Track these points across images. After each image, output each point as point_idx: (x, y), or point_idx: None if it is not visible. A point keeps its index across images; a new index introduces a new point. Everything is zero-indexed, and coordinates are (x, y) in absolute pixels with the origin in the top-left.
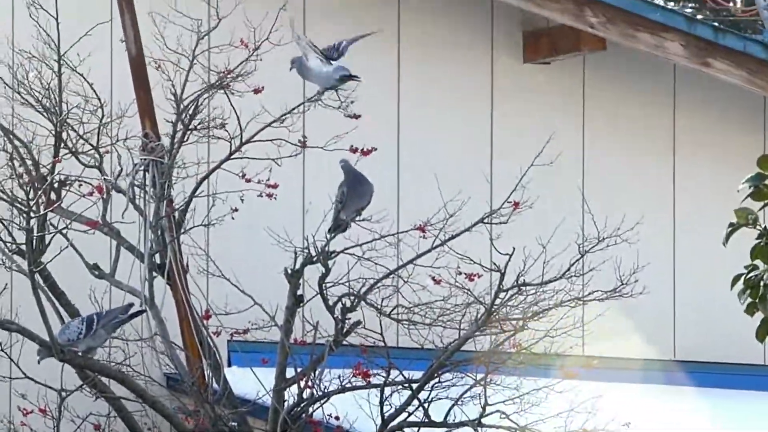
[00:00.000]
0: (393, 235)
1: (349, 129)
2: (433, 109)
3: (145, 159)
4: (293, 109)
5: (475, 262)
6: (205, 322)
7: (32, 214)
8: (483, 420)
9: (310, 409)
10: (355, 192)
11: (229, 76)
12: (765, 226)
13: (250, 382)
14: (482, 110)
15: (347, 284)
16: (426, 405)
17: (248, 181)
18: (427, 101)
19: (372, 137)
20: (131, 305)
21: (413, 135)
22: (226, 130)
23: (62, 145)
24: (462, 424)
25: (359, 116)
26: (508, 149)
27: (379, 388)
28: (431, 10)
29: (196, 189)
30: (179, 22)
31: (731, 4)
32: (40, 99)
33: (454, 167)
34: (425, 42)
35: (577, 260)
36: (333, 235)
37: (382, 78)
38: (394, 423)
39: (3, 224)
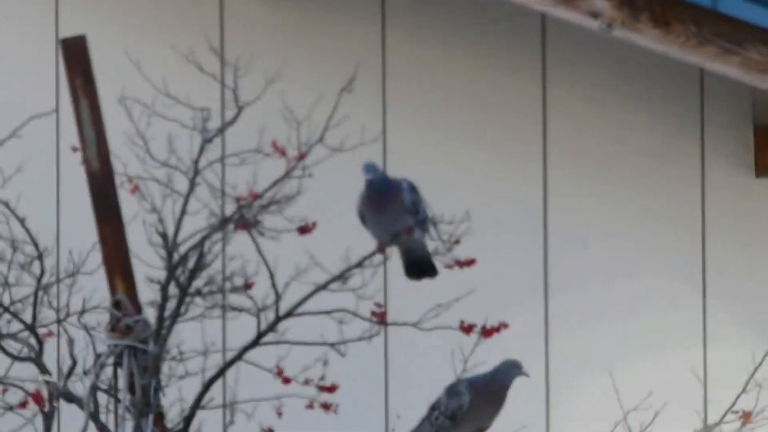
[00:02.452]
0: None
1: None
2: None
3: (115, 345)
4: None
5: None
6: None
7: None
8: None
9: None
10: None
11: (255, 203)
12: None
13: None
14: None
15: None
16: None
17: (287, 381)
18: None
19: None
20: None
21: None
22: (250, 296)
23: None
24: None
25: None
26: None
27: None
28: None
29: (201, 396)
30: (173, 113)
31: None
32: None
33: None
34: None
35: None
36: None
37: None
38: None
39: None
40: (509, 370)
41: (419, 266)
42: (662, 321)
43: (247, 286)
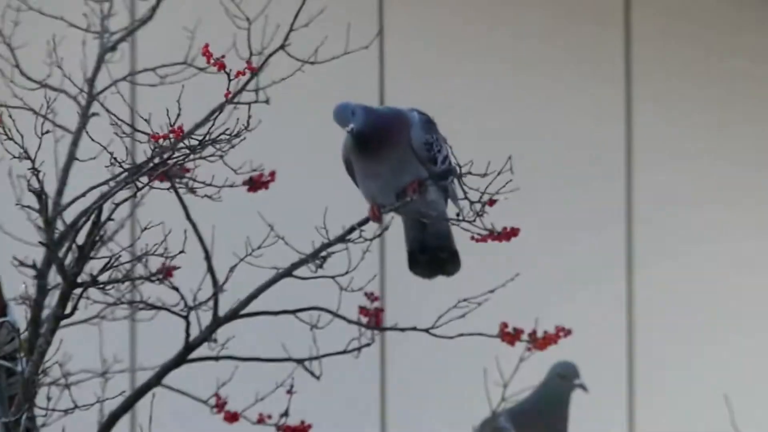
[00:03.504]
0: None
1: None
2: None
3: None
4: None
5: None
6: None
7: None
8: None
9: None
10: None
11: (181, 144)
12: None
13: None
14: None
15: None
16: None
17: (233, 418)
18: None
19: None
20: None
21: None
22: (173, 287)
23: None
24: None
25: None
26: None
27: None
28: None
29: None
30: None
31: None
32: None
33: None
34: None
35: None
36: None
37: None
38: None
39: None
40: (559, 386)
41: (432, 254)
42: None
43: (169, 271)
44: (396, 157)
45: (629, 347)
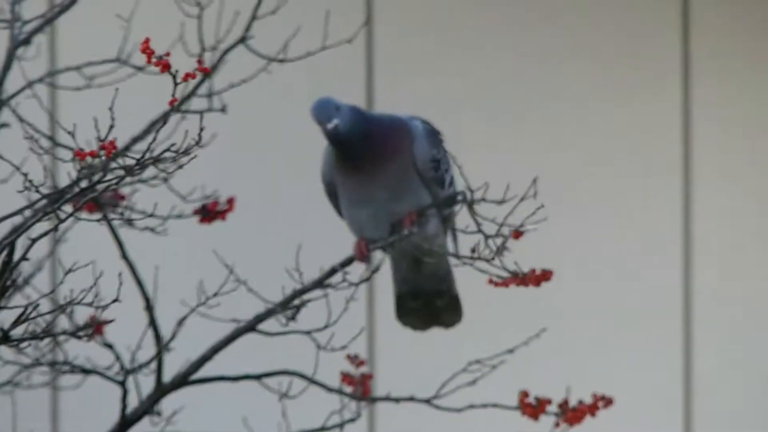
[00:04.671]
0: None
1: None
2: None
3: None
4: None
5: None
6: None
7: None
8: None
9: None
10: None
11: (113, 162)
12: None
13: None
14: None
15: None
16: None
17: None
18: None
19: None
20: None
21: None
22: (106, 345)
23: None
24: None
25: None
26: None
27: None
28: None
29: None
30: None
31: None
32: None
33: None
34: None
35: None
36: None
37: None
38: None
39: None
40: None
41: (427, 300)
42: None
43: (100, 325)
44: (394, 175)
45: (686, 421)
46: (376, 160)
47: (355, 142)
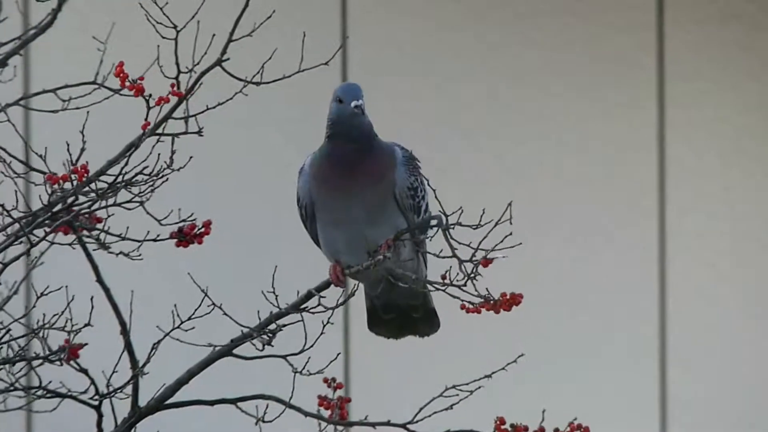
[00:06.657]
0: None
1: None
2: None
3: None
4: None
5: None
6: None
7: None
8: None
9: None
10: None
11: (88, 187)
12: None
13: None
14: None
15: None
16: None
17: None
18: None
19: None
20: None
21: None
22: (80, 369)
23: None
24: None
25: None
26: None
27: None
28: None
29: None
30: None
31: None
32: None
33: None
34: None
35: None
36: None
37: None
38: None
39: None
40: None
41: (401, 314)
42: None
43: (74, 349)
44: (374, 198)
45: None
46: (359, 177)
47: (357, 136)
